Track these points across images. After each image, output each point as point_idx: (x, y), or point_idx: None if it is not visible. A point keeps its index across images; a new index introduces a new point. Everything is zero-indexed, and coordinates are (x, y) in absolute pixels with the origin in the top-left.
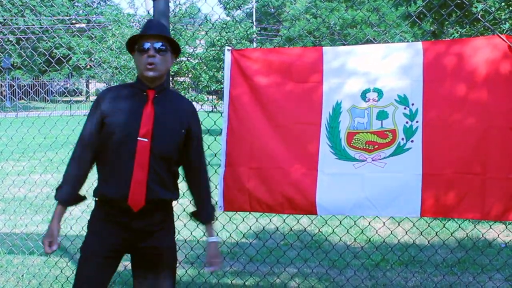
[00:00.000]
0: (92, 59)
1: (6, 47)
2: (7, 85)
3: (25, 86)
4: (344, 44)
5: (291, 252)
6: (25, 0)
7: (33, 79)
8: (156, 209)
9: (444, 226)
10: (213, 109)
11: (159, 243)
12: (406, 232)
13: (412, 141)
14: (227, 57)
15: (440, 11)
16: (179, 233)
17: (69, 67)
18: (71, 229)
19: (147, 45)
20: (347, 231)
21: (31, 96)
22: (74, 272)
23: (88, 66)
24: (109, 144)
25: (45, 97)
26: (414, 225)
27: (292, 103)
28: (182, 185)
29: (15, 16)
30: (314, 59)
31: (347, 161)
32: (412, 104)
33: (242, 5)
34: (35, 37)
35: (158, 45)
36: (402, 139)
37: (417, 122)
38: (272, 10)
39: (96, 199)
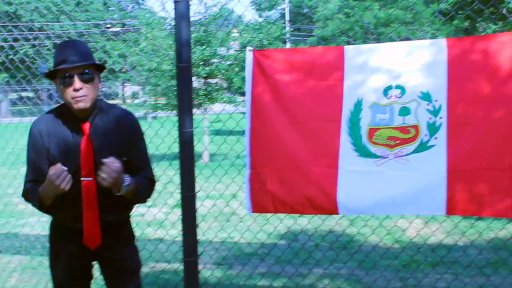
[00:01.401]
0: (127, 62)
1: (42, 52)
2: (45, 90)
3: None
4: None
5: (318, 253)
6: (60, 5)
7: None
8: (112, 239)
9: (472, 226)
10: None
11: (121, 252)
12: (434, 232)
13: (436, 138)
14: (249, 57)
15: (472, 8)
16: (203, 234)
17: (105, 70)
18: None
19: (70, 73)
20: (373, 231)
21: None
22: None
23: (124, 70)
24: None
25: None
26: (441, 225)
27: (313, 101)
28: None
29: (50, 22)
30: (335, 57)
31: (369, 158)
32: (436, 100)
33: (275, 6)
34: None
35: (83, 74)
36: (425, 135)
37: (440, 118)
38: (306, 10)
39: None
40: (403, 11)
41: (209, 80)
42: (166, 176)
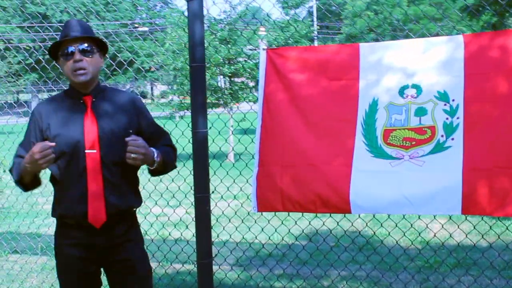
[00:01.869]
0: (154, 62)
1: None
2: None
3: None
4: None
5: (333, 254)
6: (89, 6)
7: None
8: (118, 221)
9: (491, 228)
10: None
11: (128, 254)
12: (452, 234)
13: (452, 139)
14: (262, 56)
15: (500, 2)
16: (230, 236)
17: (133, 70)
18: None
19: (70, 48)
20: (390, 232)
21: None
22: None
23: (152, 69)
24: (57, 161)
25: None
26: (460, 226)
27: (327, 101)
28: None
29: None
30: (350, 55)
31: (384, 159)
32: (453, 100)
33: (302, 4)
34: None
35: (83, 46)
36: (442, 136)
37: (457, 118)
38: (334, 8)
39: (55, 218)
40: (432, 7)
41: (235, 79)
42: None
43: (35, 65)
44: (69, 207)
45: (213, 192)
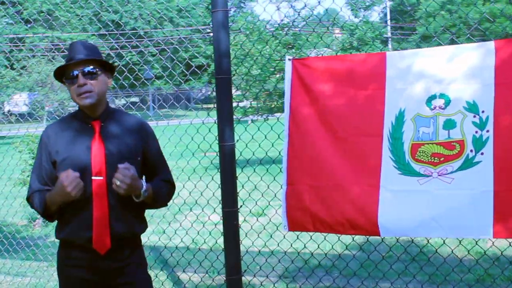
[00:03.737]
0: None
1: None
2: (150, 95)
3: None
4: (483, 39)
5: (385, 265)
6: (164, 12)
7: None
8: (123, 245)
9: None
10: None
11: (131, 278)
12: (511, 244)
13: (482, 154)
14: (288, 67)
15: None
16: (278, 244)
17: (207, 75)
18: (181, 241)
19: (75, 72)
20: (444, 242)
21: (170, 104)
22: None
23: None
24: None
25: (186, 105)
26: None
27: (353, 113)
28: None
29: (154, 29)
30: (376, 64)
31: (412, 177)
32: (483, 112)
33: (373, 5)
34: (173, 47)
35: (87, 69)
36: (471, 151)
37: (487, 131)
38: (408, 8)
39: (59, 240)
40: (510, 5)
41: None
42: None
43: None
44: (75, 232)
45: (241, 206)
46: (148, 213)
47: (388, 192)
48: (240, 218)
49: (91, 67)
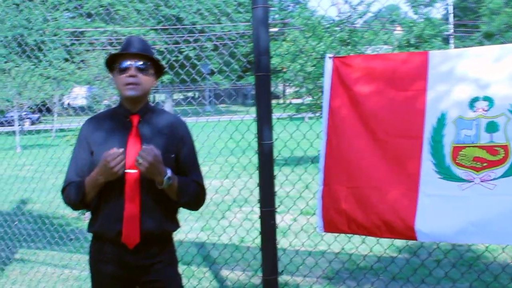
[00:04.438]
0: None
1: (202, 55)
2: (207, 90)
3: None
4: None
5: (439, 270)
6: (222, 7)
7: (232, 84)
8: (152, 242)
9: None
10: None
11: (160, 276)
12: None
13: None
14: (328, 65)
15: None
16: (315, 246)
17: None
18: (230, 240)
19: (127, 63)
20: (503, 249)
21: (220, 100)
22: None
23: (285, 70)
24: None
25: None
26: None
27: (393, 114)
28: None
29: (212, 24)
30: (418, 64)
31: (452, 181)
32: None
33: (434, 2)
34: (232, 42)
35: (139, 64)
36: None
37: None
38: (472, 5)
39: (91, 233)
40: None
41: None
42: (302, 182)
43: (168, 68)
44: (105, 225)
45: (279, 206)
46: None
47: (427, 197)
48: (278, 218)
49: (142, 62)
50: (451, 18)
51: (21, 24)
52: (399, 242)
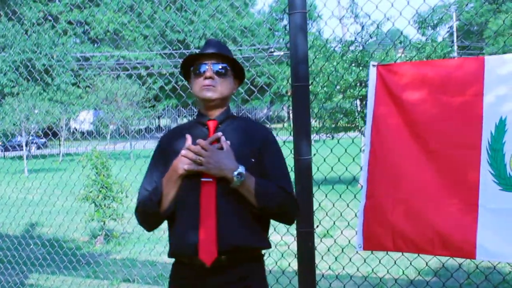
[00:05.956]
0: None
1: None
2: None
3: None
4: None
5: None
6: (227, 31)
7: (236, 107)
8: (234, 261)
9: None
10: None
11: None
12: None
13: None
14: (372, 73)
15: None
16: (343, 268)
17: (272, 94)
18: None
19: (204, 67)
20: None
21: None
22: None
23: (289, 93)
24: None
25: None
26: None
27: (447, 124)
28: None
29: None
30: (474, 69)
31: None
32: None
33: (440, 23)
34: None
35: (217, 67)
36: None
37: None
38: (476, 27)
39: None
40: None
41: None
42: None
43: (170, 92)
44: (180, 241)
45: (317, 226)
46: None
47: (488, 211)
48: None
49: (221, 66)
50: (455, 39)
51: (29, 49)
52: (434, 265)
